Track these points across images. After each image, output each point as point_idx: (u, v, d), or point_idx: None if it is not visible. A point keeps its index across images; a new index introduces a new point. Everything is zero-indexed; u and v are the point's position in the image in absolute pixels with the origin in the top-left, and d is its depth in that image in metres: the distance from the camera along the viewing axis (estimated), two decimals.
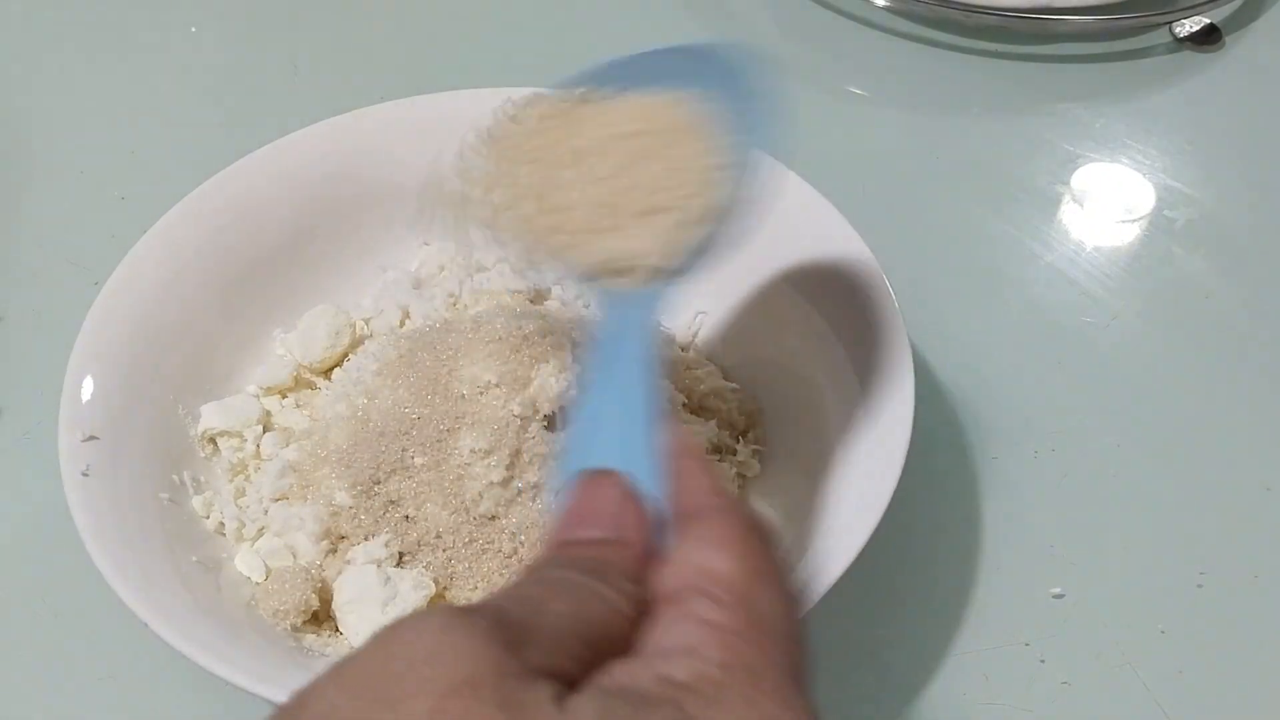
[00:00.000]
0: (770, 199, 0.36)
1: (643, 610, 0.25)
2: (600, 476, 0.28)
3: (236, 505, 0.45)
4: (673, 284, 0.34)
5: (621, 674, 0.24)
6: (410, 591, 0.41)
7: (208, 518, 0.45)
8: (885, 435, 0.41)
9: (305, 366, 0.49)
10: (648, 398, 0.30)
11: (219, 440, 0.47)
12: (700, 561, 0.26)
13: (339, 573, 0.43)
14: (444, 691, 0.21)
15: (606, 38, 0.68)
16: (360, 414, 0.44)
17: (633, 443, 0.29)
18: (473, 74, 0.66)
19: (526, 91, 0.40)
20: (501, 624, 0.23)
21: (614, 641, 0.25)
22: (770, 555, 0.26)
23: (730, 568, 0.25)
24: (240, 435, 0.47)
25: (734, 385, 0.48)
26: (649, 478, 0.28)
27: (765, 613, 0.25)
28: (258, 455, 0.47)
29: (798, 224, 0.47)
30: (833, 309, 0.46)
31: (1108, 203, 0.60)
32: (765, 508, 0.45)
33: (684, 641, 0.24)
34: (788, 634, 0.25)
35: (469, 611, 0.23)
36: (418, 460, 0.42)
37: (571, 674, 0.23)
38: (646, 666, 0.24)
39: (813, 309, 0.47)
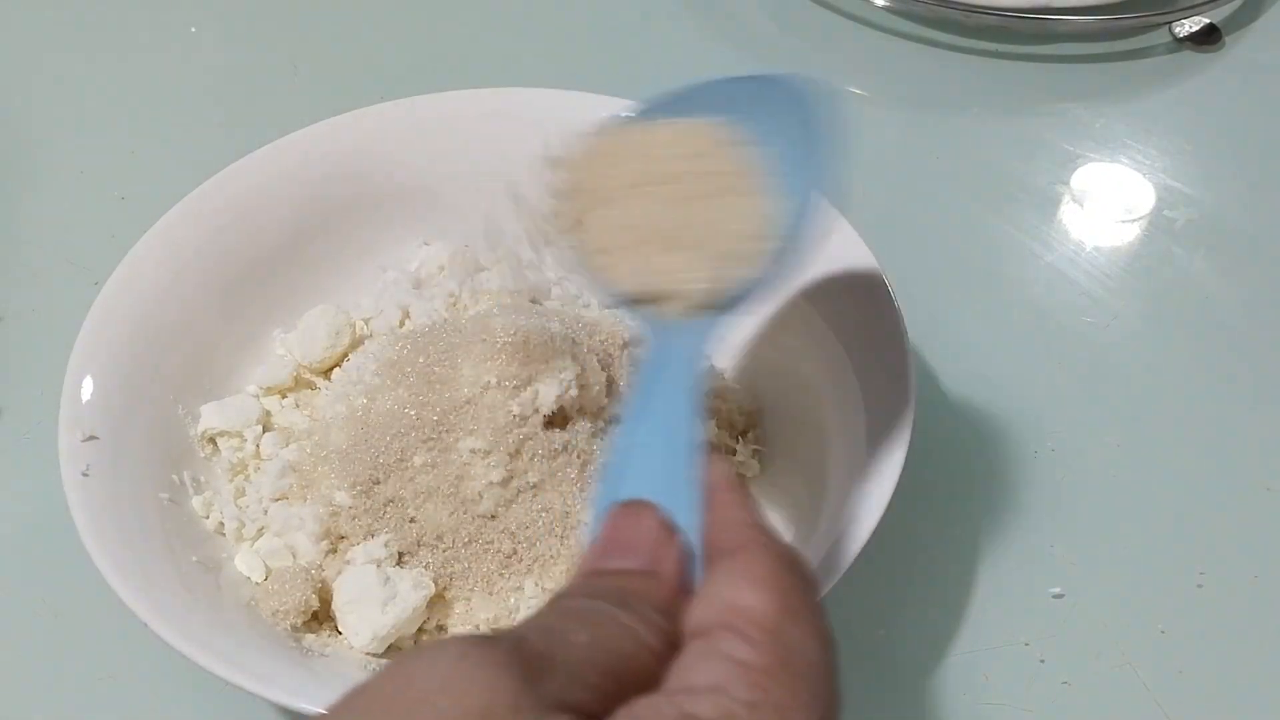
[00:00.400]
0: (822, 241, 0.36)
1: (672, 646, 0.25)
2: (636, 507, 0.28)
3: (236, 505, 0.45)
4: (720, 318, 0.34)
5: (643, 709, 0.23)
6: (410, 591, 0.41)
7: (208, 518, 0.45)
8: (885, 435, 0.41)
9: (305, 366, 0.49)
10: (688, 429, 0.29)
11: (219, 440, 0.47)
12: (731, 597, 0.25)
13: (339, 573, 0.43)
14: None
15: (607, 38, 0.68)
16: (360, 414, 0.44)
17: (671, 475, 0.28)
18: (473, 74, 0.66)
19: (602, 116, 0.39)
20: (519, 654, 0.22)
21: (639, 676, 0.24)
22: (806, 593, 0.25)
23: (762, 604, 0.24)
24: (240, 435, 0.47)
25: (734, 385, 0.48)
26: (687, 511, 0.27)
27: (796, 653, 0.24)
28: (258, 455, 0.47)
29: None
30: (833, 309, 0.46)
31: (1108, 203, 0.60)
32: (765, 508, 0.45)
33: (710, 679, 0.23)
34: (820, 676, 0.24)
35: (486, 641, 0.22)
36: (418, 460, 0.42)
37: (591, 708, 0.22)
38: (670, 703, 0.23)
39: (813, 309, 0.47)
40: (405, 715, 0.21)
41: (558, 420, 0.43)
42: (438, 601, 0.42)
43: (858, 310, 0.45)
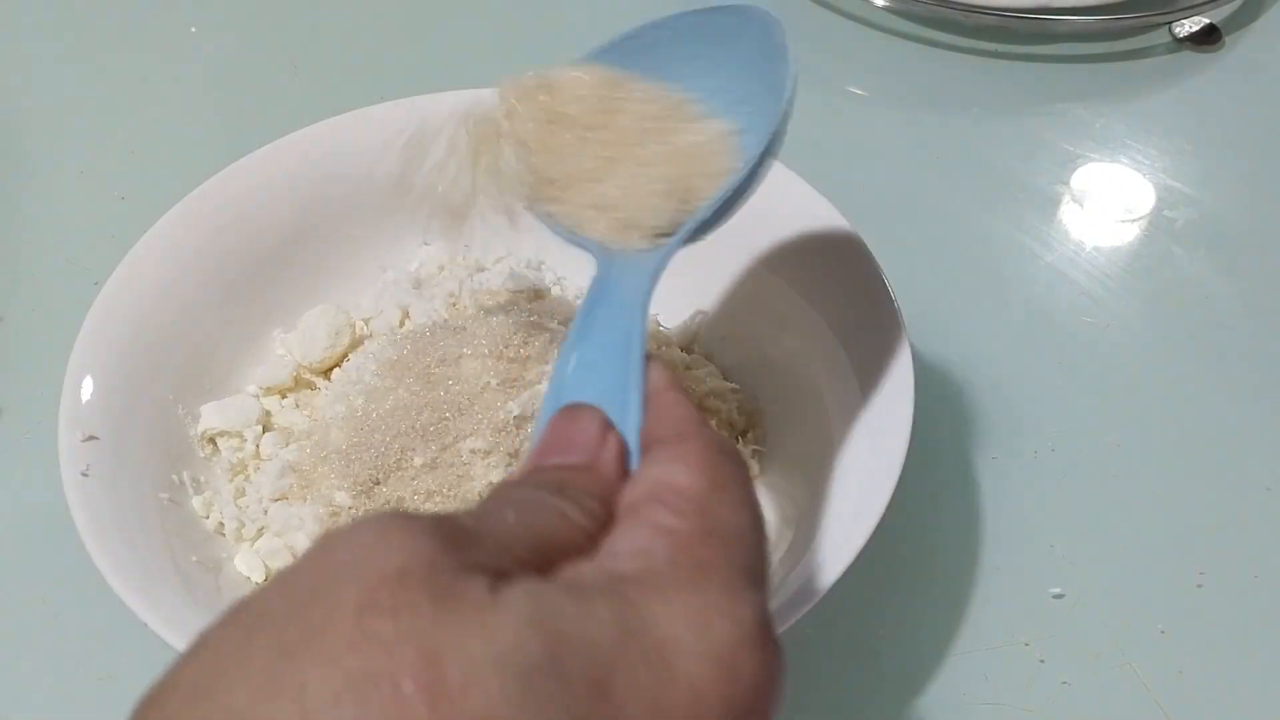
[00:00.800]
0: (769, 178, 0.36)
1: (606, 530, 0.25)
2: (576, 409, 0.28)
3: (236, 505, 0.45)
4: (671, 248, 0.34)
5: (568, 571, 0.23)
6: None
7: (208, 518, 0.45)
8: (885, 435, 0.41)
9: (305, 366, 0.49)
10: (635, 342, 0.30)
11: (219, 440, 0.47)
12: (661, 476, 0.25)
13: None
14: (373, 583, 0.21)
15: (607, 38, 0.68)
16: (360, 414, 0.44)
17: (615, 383, 0.29)
18: (473, 74, 0.66)
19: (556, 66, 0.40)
20: (442, 525, 0.22)
21: (569, 554, 0.24)
22: (733, 471, 0.26)
23: (690, 480, 0.25)
24: (240, 435, 0.47)
25: (734, 385, 0.48)
26: (632, 414, 0.28)
27: (722, 521, 0.25)
28: (257, 455, 0.47)
29: (798, 224, 0.47)
30: (833, 309, 0.46)
31: (1108, 203, 0.60)
32: (765, 508, 0.45)
33: (635, 544, 0.24)
34: (744, 544, 0.25)
35: (410, 514, 0.23)
36: (418, 460, 0.42)
37: (516, 577, 0.22)
38: (593, 565, 0.24)
39: (813, 309, 0.47)
40: (326, 583, 0.21)
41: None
42: None
43: (858, 310, 0.45)
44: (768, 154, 0.35)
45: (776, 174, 0.47)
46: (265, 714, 0.19)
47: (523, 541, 0.23)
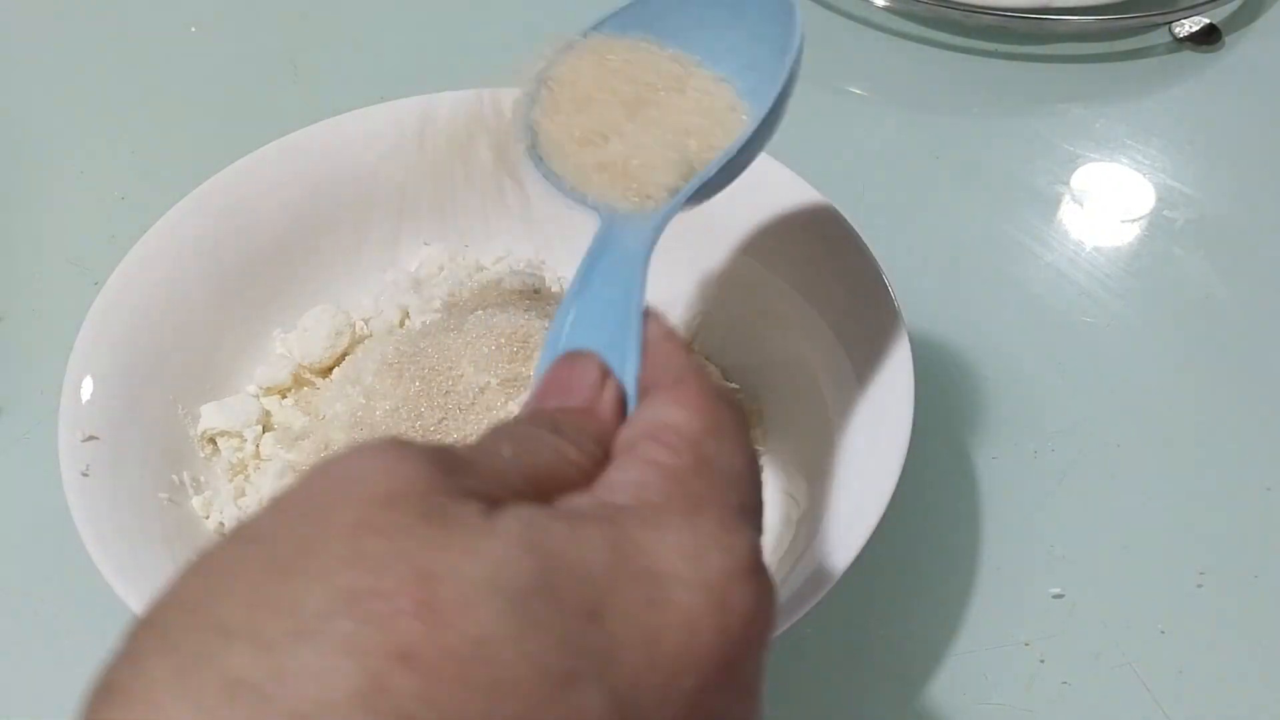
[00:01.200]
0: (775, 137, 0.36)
1: (602, 468, 0.25)
2: (574, 355, 0.29)
3: (236, 505, 0.45)
4: (675, 205, 0.34)
5: (562, 501, 0.23)
6: None
7: (208, 518, 0.45)
8: (885, 435, 0.41)
9: (305, 366, 0.49)
10: (635, 295, 0.30)
11: (219, 440, 0.47)
12: (658, 415, 0.26)
13: None
14: (368, 503, 0.21)
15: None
16: (360, 414, 0.44)
17: (617, 333, 0.29)
18: (473, 74, 0.66)
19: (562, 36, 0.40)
20: (439, 453, 0.22)
21: (565, 488, 0.24)
22: (730, 414, 0.26)
23: (686, 419, 0.25)
24: (240, 435, 0.47)
25: (734, 385, 0.48)
26: (631, 362, 0.28)
27: (716, 459, 0.25)
28: (257, 455, 0.47)
29: (798, 224, 0.47)
30: (833, 309, 0.46)
31: (1108, 203, 0.60)
32: (765, 508, 0.45)
33: (629, 477, 0.24)
34: (738, 481, 0.25)
35: (407, 441, 0.23)
36: None
37: (509, 504, 0.23)
38: (587, 495, 0.24)
39: (813, 309, 0.47)
40: (321, 503, 0.21)
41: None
42: None
43: (858, 310, 0.45)
44: (773, 116, 0.36)
45: (777, 174, 0.47)
46: (260, 628, 0.19)
47: (519, 473, 0.24)
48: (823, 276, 0.47)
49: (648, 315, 0.30)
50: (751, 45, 0.38)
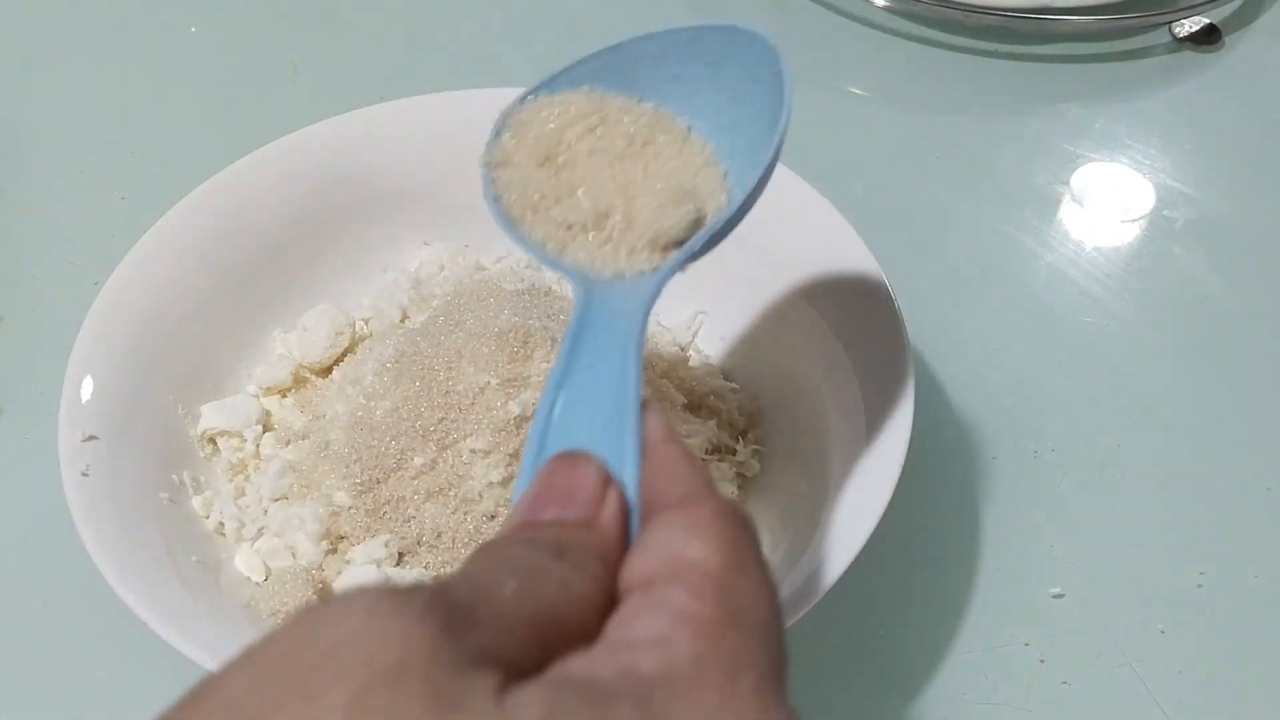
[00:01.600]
0: (766, 197, 0.35)
1: (611, 598, 0.23)
2: (573, 457, 0.26)
3: (236, 505, 0.45)
4: (662, 277, 0.33)
5: (579, 665, 0.21)
6: None
7: (208, 518, 0.45)
8: (885, 435, 0.41)
9: (305, 366, 0.49)
10: (631, 383, 0.28)
11: (219, 440, 0.47)
12: (676, 547, 0.23)
13: (339, 573, 0.43)
14: (366, 680, 0.18)
15: (607, 38, 0.68)
16: (360, 414, 0.44)
17: (612, 428, 0.27)
18: (473, 74, 0.66)
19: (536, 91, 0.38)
20: (439, 603, 0.20)
21: (574, 629, 0.22)
22: (751, 545, 0.24)
23: (708, 555, 0.23)
24: (240, 435, 0.47)
25: (734, 385, 0.48)
26: (625, 466, 0.26)
27: (745, 605, 0.22)
28: (257, 455, 0.47)
29: (798, 224, 0.47)
30: (833, 309, 0.46)
31: (1108, 203, 0.60)
32: (765, 508, 0.45)
33: (653, 632, 0.21)
34: (768, 633, 0.22)
35: (403, 590, 0.20)
36: (418, 460, 0.42)
37: (522, 664, 0.21)
38: (609, 657, 0.21)
39: (813, 309, 0.47)
40: (309, 674, 0.19)
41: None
42: None
43: (858, 310, 0.45)
44: (760, 187, 0.34)
45: (777, 174, 0.47)
46: None
47: (525, 619, 0.21)
48: (822, 276, 0.47)
49: (646, 409, 0.27)
50: (730, 106, 0.36)
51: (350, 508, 0.43)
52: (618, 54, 0.38)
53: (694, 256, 0.34)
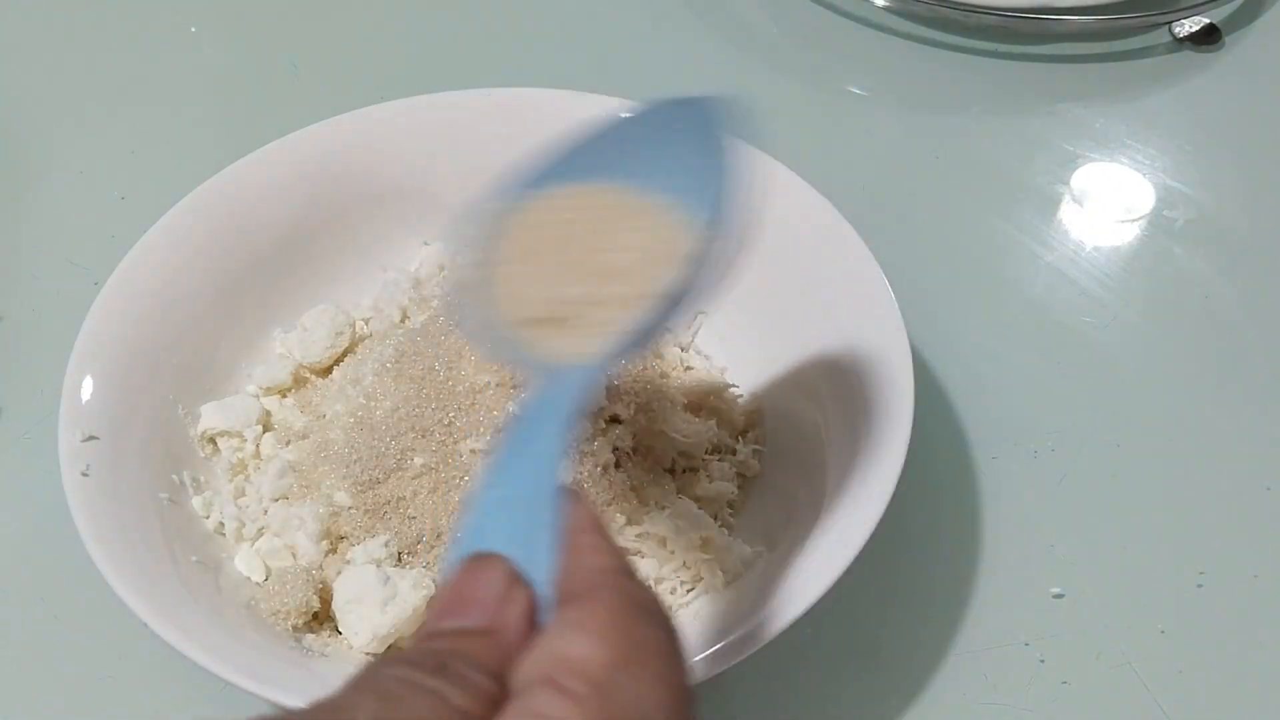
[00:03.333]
0: (727, 281, 0.34)
1: (499, 706, 0.22)
2: (481, 561, 0.25)
3: (236, 505, 0.45)
4: (602, 362, 0.31)
5: None
6: (410, 591, 0.41)
7: (208, 518, 0.45)
8: (885, 435, 0.41)
9: (305, 366, 0.49)
10: (549, 473, 0.27)
11: (219, 440, 0.47)
12: (559, 647, 0.22)
13: (339, 573, 0.43)
14: None
15: (607, 38, 0.68)
16: (360, 414, 0.44)
17: (532, 522, 0.26)
18: (473, 74, 0.66)
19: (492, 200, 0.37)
20: None
21: None
22: (653, 639, 0.23)
23: (592, 653, 0.22)
24: (240, 435, 0.47)
25: (734, 385, 0.48)
26: (542, 560, 0.25)
27: (628, 706, 0.21)
28: (258, 455, 0.47)
29: (797, 224, 0.47)
30: (833, 309, 0.46)
31: (1108, 203, 0.60)
32: (765, 508, 0.45)
33: None
34: None
35: None
36: (418, 460, 0.42)
37: None
38: None
39: (813, 309, 0.47)
40: None
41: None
42: None
43: (858, 310, 0.45)
44: (717, 256, 0.33)
45: (776, 174, 0.47)
46: None
47: None
48: (822, 276, 0.47)
49: (568, 497, 0.26)
50: (678, 175, 0.35)
51: (350, 508, 0.43)
52: (568, 147, 0.37)
53: (645, 339, 0.32)
